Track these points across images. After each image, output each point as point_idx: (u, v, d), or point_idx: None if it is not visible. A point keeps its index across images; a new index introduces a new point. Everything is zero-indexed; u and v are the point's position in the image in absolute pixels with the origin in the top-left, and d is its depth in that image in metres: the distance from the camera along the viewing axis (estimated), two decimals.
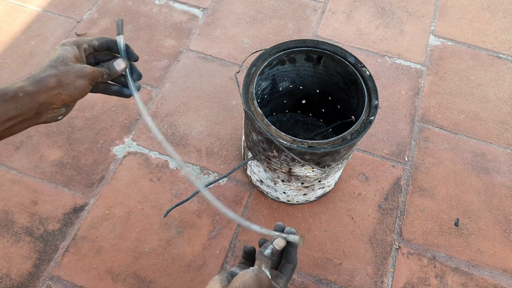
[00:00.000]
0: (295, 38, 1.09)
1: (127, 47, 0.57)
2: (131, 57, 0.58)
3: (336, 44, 1.09)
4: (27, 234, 0.77)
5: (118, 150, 0.88)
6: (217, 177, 0.69)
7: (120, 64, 0.56)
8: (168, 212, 0.69)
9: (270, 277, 0.51)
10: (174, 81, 1.00)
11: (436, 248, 0.80)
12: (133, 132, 0.91)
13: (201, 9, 1.14)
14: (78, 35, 1.05)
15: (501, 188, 0.88)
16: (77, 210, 0.80)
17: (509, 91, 1.03)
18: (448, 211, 0.84)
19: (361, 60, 1.06)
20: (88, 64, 0.55)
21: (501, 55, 1.09)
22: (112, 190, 0.83)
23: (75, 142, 0.89)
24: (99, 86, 0.57)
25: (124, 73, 0.57)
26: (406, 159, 0.91)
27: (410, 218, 0.83)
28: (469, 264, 0.79)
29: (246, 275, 0.49)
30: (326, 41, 1.10)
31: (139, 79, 0.59)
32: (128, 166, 0.86)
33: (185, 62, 1.03)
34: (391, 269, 0.77)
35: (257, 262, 0.52)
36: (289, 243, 0.54)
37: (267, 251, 0.53)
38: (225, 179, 0.86)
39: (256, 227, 0.54)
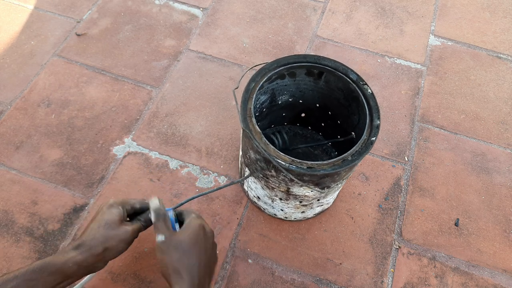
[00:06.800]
0: (295, 38, 1.10)
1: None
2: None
3: (336, 44, 1.10)
4: (27, 234, 0.77)
5: (118, 150, 0.88)
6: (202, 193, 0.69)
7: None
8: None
9: (161, 239, 0.60)
10: (174, 81, 1.00)
11: (436, 248, 0.80)
12: (133, 132, 0.91)
13: (201, 9, 1.14)
14: (78, 35, 1.05)
15: (501, 188, 0.88)
16: (77, 210, 0.80)
17: (509, 91, 1.03)
18: (448, 211, 0.84)
19: (361, 60, 1.07)
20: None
21: (501, 55, 1.09)
22: (112, 190, 0.83)
23: (75, 142, 0.89)
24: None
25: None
26: (406, 159, 0.91)
27: (410, 218, 0.83)
28: (469, 264, 0.79)
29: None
30: (326, 41, 1.10)
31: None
32: (128, 166, 0.86)
33: (185, 62, 1.03)
34: (391, 269, 0.77)
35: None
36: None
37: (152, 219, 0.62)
38: (225, 178, 0.86)
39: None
